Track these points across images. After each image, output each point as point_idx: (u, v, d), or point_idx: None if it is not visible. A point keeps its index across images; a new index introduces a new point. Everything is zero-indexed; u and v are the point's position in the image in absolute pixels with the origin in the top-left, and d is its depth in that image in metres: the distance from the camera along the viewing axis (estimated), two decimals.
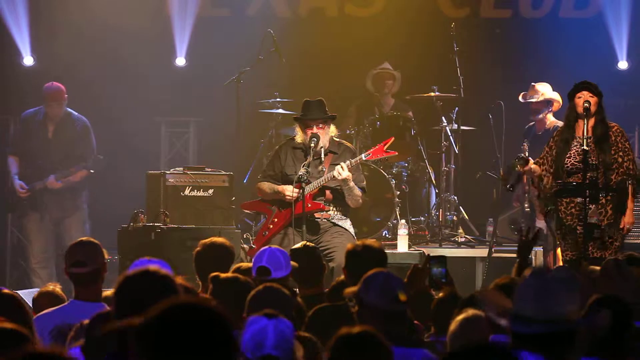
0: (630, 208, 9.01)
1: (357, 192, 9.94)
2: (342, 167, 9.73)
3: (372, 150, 10.04)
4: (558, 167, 9.06)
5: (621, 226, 8.95)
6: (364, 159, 9.98)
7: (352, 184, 9.87)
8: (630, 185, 8.99)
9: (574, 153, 9.03)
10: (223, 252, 7.20)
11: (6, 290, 5.27)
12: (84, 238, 6.26)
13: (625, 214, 8.97)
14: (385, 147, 9.99)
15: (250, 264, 6.78)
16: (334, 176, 9.80)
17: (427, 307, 5.81)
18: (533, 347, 3.76)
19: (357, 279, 5.23)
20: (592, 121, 9.04)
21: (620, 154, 9.02)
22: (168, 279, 4.25)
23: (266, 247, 6.87)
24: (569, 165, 9.03)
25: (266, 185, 10.19)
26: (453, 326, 4.85)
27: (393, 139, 10.13)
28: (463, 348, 3.33)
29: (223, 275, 5.82)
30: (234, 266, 6.62)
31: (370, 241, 6.57)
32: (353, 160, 9.87)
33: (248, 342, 4.23)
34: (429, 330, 5.77)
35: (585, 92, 9.03)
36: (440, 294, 5.84)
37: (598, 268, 6.31)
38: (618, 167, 9.00)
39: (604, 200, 8.97)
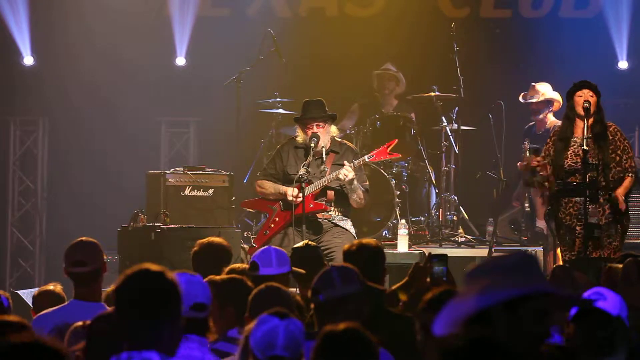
0: (624, 187, 8.96)
1: (361, 192, 9.95)
2: (347, 170, 9.73)
3: (375, 152, 10.02)
4: (557, 167, 9.05)
5: (614, 195, 8.90)
6: (367, 160, 9.98)
7: (356, 183, 9.88)
8: (627, 177, 8.96)
9: (571, 153, 9.02)
10: (220, 252, 7.20)
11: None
12: (83, 238, 6.26)
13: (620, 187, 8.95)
14: (389, 149, 9.98)
15: (245, 265, 6.81)
16: (337, 177, 9.80)
17: None
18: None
19: None
20: (590, 120, 9.03)
21: (619, 152, 9.00)
22: (167, 279, 4.25)
23: (268, 246, 6.88)
24: (566, 165, 9.02)
25: (269, 184, 10.17)
26: None
27: (397, 141, 10.12)
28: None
29: (218, 277, 5.81)
30: (228, 267, 6.59)
31: (367, 240, 6.54)
32: (356, 162, 9.87)
33: (258, 341, 4.22)
34: None
35: (585, 91, 9.01)
36: None
37: (620, 266, 6.31)
38: (616, 166, 8.98)
39: (602, 200, 8.96)
